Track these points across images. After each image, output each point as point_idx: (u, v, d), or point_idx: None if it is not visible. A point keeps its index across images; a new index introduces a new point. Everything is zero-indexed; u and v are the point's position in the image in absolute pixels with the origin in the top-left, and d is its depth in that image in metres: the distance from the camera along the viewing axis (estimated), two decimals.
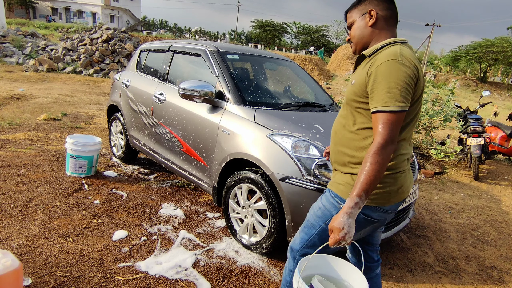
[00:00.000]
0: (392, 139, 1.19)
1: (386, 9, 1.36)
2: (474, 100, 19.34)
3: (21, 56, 15.03)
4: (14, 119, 5.63)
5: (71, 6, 41.07)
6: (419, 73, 1.25)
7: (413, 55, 1.29)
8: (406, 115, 1.27)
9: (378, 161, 1.17)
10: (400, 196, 1.39)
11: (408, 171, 1.40)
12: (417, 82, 1.24)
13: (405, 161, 1.37)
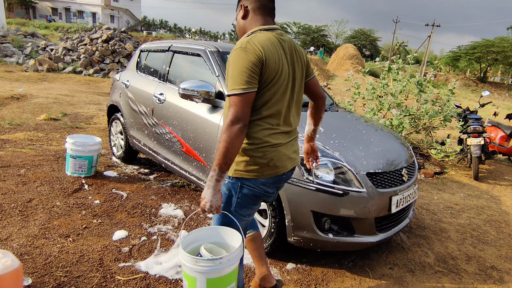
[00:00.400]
0: (239, 118, 1.34)
1: (255, 1, 1.51)
2: (474, 100, 19.34)
3: (21, 56, 15.03)
4: (14, 119, 5.63)
5: (71, 6, 41.08)
6: (266, 59, 1.38)
7: (268, 42, 1.42)
8: (262, 95, 1.43)
9: (225, 139, 1.33)
10: (273, 169, 1.51)
11: (282, 146, 1.53)
12: (264, 66, 1.38)
13: (274, 135, 1.50)
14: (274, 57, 1.42)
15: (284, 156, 1.55)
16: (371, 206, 2.16)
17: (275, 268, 2.31)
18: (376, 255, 2.63)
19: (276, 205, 2.21)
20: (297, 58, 1.57)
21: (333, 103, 3.48)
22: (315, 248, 2.23)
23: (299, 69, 1.58)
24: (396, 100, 5.57)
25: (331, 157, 2.17)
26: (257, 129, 1.47)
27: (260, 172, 1.49)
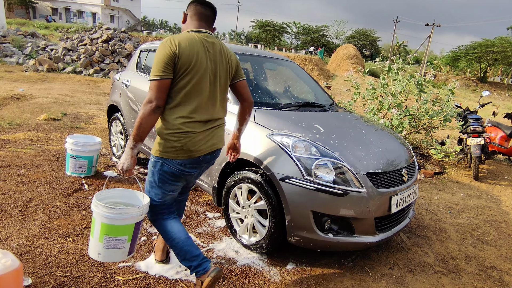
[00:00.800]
0: (152, 99, 1.63)
1: (191, 10, 1.84)
2: (474, 100, 19.35)
3: (21, 56, 15.03)
4: (14, 119, 5.63)
5: (71, 6, 41.07)
6: (179, 52, 1.65)
7: (188, 39, 1.70)
8: (177, 83, 1.69)
9: (140, 115, 1.63)
10: (187, 153, 1.75)
11: (197, 133, 1.75)
12: (177, 58, 1.65)
13: (188, 124, 1.72)
14: (189, 52, 1.67)
15: (200, 142, 1.78)
16: (371, 206, 2.16)
17: (275, 268, 2.31)
18: (376, 255, 2.63)
19: (276, 205, 2.21)
20: (223, 58, 1.84)
21: (333, 103, 3.48)
22: (315, 248, 2.23)
23: (223, 68, 1.84)
24: (396, 100, 5.58)
25: (331, 157, 2.17)
26: (173, 116, 1.71)
27: (176, 154, 1.74)
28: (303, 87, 3.64)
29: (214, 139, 1.87)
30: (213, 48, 1.79)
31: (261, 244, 2.36)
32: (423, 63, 32.77)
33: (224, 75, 1.86)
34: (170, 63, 1.64)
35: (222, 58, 1.83)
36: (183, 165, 1.78)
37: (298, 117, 2.61)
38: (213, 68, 1.78)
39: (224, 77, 1.86)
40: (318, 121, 2.60)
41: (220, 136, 1.94)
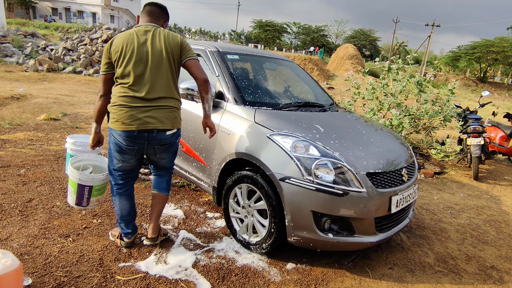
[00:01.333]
0: (99, 90, 2.13)
1: (142, 11, 2.20)
2: (474, 100, 19.35)
3: (21, 56, 15.02)
4: (14, 119, 5.63)
5: (71, 6, 41.04)
6: (111, 49, 2.04)
7: (122, 34, 2.07)
8: (117, 69, 2.05)
9: (95, 101, 2.18)
10: (121, 125, 2.04)
11: (132, 108, 2.04)
12: (110, 54, 2.04)
13: (123, 98, 2.04)
14: (117, 45, 2.02)
15: (133, 117, 2.03)
16: (371, 206, 2.17)
17: (275, 268, 2.31)
18: (376, 255, 2.63)
19: (276, 205, 2.21)
20: (158, 41, 2.07)
21: (333, 103, 3.48)
22: (315, 248, 2.23)
23: (157, 50, 2.06)
24: (396, 100, 5.57)
25: (331, 157, 2.17)
26: (115, 92, 2.08)
27: (115, 125, 2.06)
28: (303, 87, 3.64)
29: (152, 118, 2.06)
30: (145, 35, 2.07)
31: (261, 244, 2.36)
32: (423, 63, 32.76)
33: (159, 56, 2.06)
34: (106, 60, 2.07)
35: (156, 42, 2.07)
36: (121, 136, 2.07)
37: (298, 117, 2.61)
38: (144, 51, 2.04)
39: (159, 58, 2.07)
40: (318, 121, 2.60)
41: (161, 117, 2.09)
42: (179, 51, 2.13)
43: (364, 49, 48.35)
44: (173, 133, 2.20)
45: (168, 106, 2.13)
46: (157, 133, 2.11)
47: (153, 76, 2.06)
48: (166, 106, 2.12)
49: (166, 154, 2.27)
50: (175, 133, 2.22)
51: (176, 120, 2.20)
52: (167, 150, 2.26)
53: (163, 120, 2.10)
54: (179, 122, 2.25)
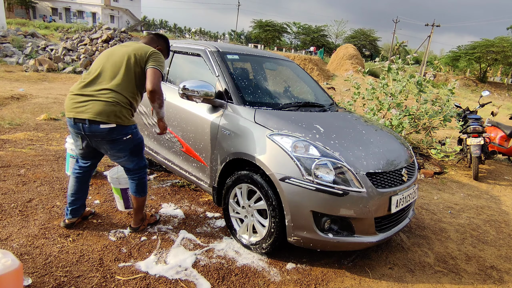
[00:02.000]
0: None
1: None
2: (474, 100, 19.34)
3: (21, 56, 15.02)
4: (14, 119, 5.63)
5: (71, 6, 41.04)
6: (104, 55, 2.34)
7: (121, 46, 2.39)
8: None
9: None
10: (65, 111, 2.21)
11: (72, 95, 2.19)
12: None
13: (73, 86, 2.24)
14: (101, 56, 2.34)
15: (69, 103, 2.18)
16: (371, 206, 2.17)
17: (275, 268, 2.31)
18: (376, 255, 2.63)
19: (276, 205, 2.21)
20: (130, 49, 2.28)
21: (333, 103, 3.48)
22: (315, 248, 2.23)
23: (123, 54, 2.26)
24: (396, 100, 5.58)
25: (331, 157, 2.17)
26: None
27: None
28: (303, 87, 3.64)
29: (86, 108, 2.13)
30: (121, 47, 2.34)
31: (261, 244, 2.36)
32: (423, 63, 32.76)
33: (121, 57, 2.25)
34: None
35: (124, 48, 2.31)
36: (67, 122, 2.24)
37: (298, 117, 2.61)
38: (110, 54, 2.30)
39: (120, 59, 2.25)
40: (318, 121, 2.60)
41: (97, 109, 2.12)
42: (146, 59, 2.27)
43: (364, 49, 48.35)
44: (111, 128, 2.17)
45: (111, 100, 2.15)
46: (89, 124, 2.13)
47: (108, 73, 2.21)
48: (108, 100, 2.14)
49: (115, 152, 2.29)
50: (114, 128, 2.18)
51: (116, 116, 2.17)
52: (113, 148, 2.27)
53: (98, 112, 2.12)
54: (122, 119, 2.20)
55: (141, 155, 2.44)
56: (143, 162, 2.47)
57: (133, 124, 2.30)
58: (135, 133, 2.33)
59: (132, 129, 2.29)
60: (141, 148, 2.43)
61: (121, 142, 2.26)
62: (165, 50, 2.66)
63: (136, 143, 2.35)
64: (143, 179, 2.46)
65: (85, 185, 2.52)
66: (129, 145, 2.31)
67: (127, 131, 2.26)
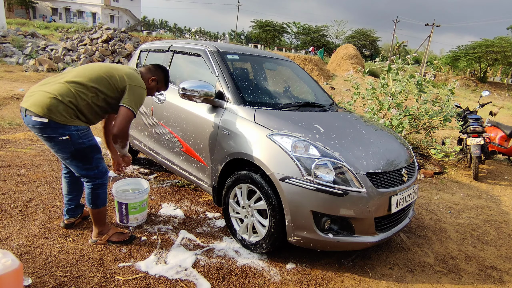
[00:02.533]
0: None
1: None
2: (474, 100, 19.35)
3: (21, 56, 15.02)
4: (14, 119, 5.63)
5: (71, 6, 41.05)
6: None
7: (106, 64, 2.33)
8: None
9: None
10: None
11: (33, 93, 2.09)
12: None
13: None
14: None
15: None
16: (371, 206, 2.17)
17: (275, 268, 2.31)
18: (376, 255, 2.63)
19: (276, 205, 2.21)
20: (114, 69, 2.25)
21: (333, 103, 3.48)
22: (315, 248, 2.23)
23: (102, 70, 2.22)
24: (396, 100, 5.58)
25: (331, 157, 2.17)
26: None
27: None
28: (303, 87, 3.64)
29: (29, 98, 2.05)
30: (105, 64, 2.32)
31: (261, 244, 2.36)
32: (423, 63, 32.76)
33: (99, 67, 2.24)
34: None
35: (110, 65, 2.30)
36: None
37: (298, 117, 2.61)
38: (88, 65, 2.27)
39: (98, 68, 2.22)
40: (318, 121, 2.60)
41: (35, 100, 2.01)
42: (122, 90, 2.21)
43: (364, 49, 48.38)
44: (43, 122, 1.98)
45: (50, 93, 2.00)
46: (25, 113, 2.03)
47: (74, 72, 2.17)
48: (48, 92, 2.01)
49: (54, 151, 2.15)
50: (47, 123, 1.99)
51: (48, 109, 1.97)
52: (51, 146, 2.12)
53: (34, 102, 2.00)
54: (56, 115, 1.99)
55: (88, 162, 2.19)
56: (92, 172, 2.21)
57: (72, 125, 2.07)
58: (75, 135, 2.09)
59: (71, 130, 2.07)
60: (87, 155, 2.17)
61: (58, 144, 2.07)
62: (162, 82, 2.52)
63: (77, 147, 2.11)
64: (95, 190, 2.25)
65: (75, 186, 2.48)
66: (64, 147, 2.08)
67: (67, 132, 2.05)
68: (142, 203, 2.66)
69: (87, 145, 2.15)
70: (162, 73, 2.51)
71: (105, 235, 2.38)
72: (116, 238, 2.39)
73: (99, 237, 2.37)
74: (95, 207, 2.29)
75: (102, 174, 2.27)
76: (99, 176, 2.25)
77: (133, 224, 2.66)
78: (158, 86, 2.52)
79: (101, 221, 2.36)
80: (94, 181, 2.24)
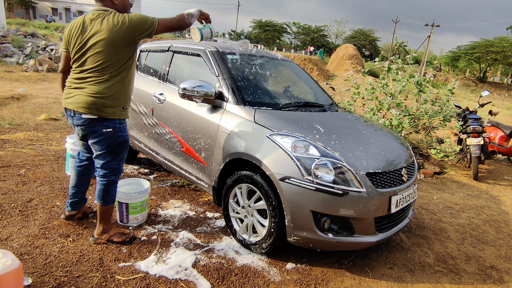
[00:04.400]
0: (59, 66, 2.45)
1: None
2: (474, 100, 19.35)
3: (21, 56, 15.01)
4: (14, 119, 5.63)
5: (71, 6, 41.06)
6: (65, 31, 2.22)
7: (83, 17, 2.17)
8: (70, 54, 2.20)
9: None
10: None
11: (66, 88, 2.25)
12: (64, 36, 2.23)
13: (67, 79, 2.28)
14: (69, 30, 2.17)
15: (64, 95, 2.22)
16: (371, 206, 2.17)
17: (275, 268, 2.32)
18: (376, 255, 2.63)
19: (276, 205, 2.22)
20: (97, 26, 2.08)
21: (333, 103, 3.48)
22: (315, 248, 2.24)
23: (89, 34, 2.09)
24: (396, 100, 5.58)
25: (331, 157, 2.17)
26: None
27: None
28: (303, 87, 3.64)
29: (70, 98, 2.16)
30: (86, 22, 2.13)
31: (261, 244, 2.36)
32: (422, 63, 32.77)
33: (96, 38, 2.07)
34: (65, 41, 2.25)
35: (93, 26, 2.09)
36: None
37: (298, 117, 2.61)
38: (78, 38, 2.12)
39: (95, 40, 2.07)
40: (318, 121, 2.60)
41: (75, 98, 2.13)
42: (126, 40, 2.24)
43: (364, 49, 48.40)
44: (92, 119, 2.12)
45: (83, 88, 2.12)
46: (73, 113, 2.16)
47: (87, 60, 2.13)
48: (81, 87, 2.13)
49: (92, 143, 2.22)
50: (96, 120, 2.13)
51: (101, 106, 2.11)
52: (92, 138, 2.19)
53: (76, 102, 2.12)
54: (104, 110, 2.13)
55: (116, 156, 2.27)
56: (113, 167, 2.28)
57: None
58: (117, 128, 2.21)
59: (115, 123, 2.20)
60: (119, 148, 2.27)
61: (102, 135, 2.18)
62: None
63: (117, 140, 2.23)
64: (108, 187, 2.29)
65: (85, 179, 2.53)
66: (106, 138, 2.19)
67: (110, 125, 2.18)
68: (142, 203, 2.66)
69: (123, 139, 2.27)
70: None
71: (106, 234, 2.38)
72: (117, 238, 2.39)
73: (101, 235, 2.37)
74: (105, 203, 2.31)
75: (119, 172, 2.34)
76: (116, 173, 2.32)
77: (133, 224, 2.66)
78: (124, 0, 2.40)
79: (107, 219, 2.38)
80: (110, 177, 2.29)
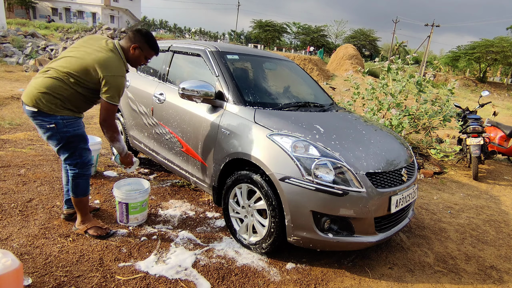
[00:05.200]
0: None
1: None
2: (474, 100, 19.35)
3: (21, 56, 15.02)
4: (14, 119, 5.63)
5: (71, 6, 41.05)
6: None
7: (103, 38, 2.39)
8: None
9: None
10: None
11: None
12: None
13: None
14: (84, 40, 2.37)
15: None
16: (371, 206, 2.17)
17: (275, 268, 2.32)
18: (376, 255, 2.64)
19: (276, 205, 2.22)
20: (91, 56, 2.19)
21: (333, 103, 3.48)
22: (315, 248, 2.24)
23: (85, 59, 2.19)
24: (396, 100, 5.58)
25: (330, 157, 2.17)
26: None
27: None
28: (303, 87, 3.65)
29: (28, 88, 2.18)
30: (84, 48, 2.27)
31: (261, 244, 2.36)
32: (422, 63, 32.78)
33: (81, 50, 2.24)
34: None
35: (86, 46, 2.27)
36: None
37: (298, 117, 2.61)
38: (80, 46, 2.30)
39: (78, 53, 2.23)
40: (318, 121, 2.60)
41: (27, 89, 2.18)
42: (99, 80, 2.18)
43: (364, 49, 48.41)
44: (33, 111, 2.14)
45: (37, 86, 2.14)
46: (23, 104, 2.20)
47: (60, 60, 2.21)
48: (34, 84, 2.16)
49: (45, 139, 2.25)
50: (37, 113, 2.14)
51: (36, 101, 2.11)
52: (41, 133, 2.24)
53: (28, 95, 2.15)
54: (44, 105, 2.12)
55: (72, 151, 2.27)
56: (74, 161, 2.29)
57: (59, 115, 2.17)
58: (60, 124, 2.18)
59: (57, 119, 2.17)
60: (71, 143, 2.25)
61: (48, 130, 2.19)
62: (146, 47, 2.34)
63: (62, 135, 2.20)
64: (76, 179, 2.32)
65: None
66: (52, 134, 2.19)
67: (53, 120, 2.16)
68: (142, 203, 2.66)
69: (71, 134, 2.23)
70: (143, 37, 2.31)
71: (84, 226, 2.44)
72: (93, 231, 2.43)
73: (80, 225, 2.45)
74: (75, 195, 2.37)
75: (84, 165, 2.33)
76: (81, 166, 2.32)
77: (133, 224, 2.66)
78: (144, 53, 2.35)
79: (82, 211, 2.42)
80: (75, 170, 2.32)
